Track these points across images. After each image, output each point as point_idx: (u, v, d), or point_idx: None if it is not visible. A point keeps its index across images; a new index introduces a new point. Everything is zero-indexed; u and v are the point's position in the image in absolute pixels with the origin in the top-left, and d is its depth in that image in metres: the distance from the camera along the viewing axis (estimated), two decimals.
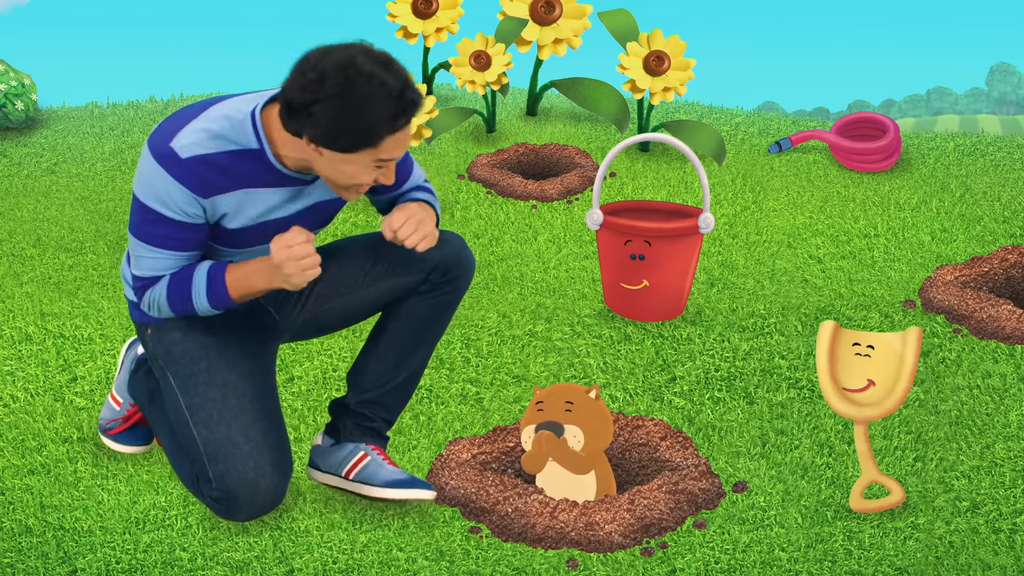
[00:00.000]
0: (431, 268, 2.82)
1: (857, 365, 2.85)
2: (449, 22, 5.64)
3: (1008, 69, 63.66)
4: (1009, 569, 2.64)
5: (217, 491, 2.72)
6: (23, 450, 3.10)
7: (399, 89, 2.43)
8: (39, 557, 2.69)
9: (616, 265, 3.76)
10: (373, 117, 2.42)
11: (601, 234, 3.78)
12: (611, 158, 3.68)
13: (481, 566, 2.68)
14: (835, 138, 5.31)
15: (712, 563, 2.69)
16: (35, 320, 3.75)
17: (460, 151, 5.40)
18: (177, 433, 2.78)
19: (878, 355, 2.84)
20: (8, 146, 5.57)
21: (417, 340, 2.87)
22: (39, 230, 4.60)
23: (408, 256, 2.82)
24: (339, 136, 2.44)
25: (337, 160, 2.50)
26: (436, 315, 2.86)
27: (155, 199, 2.56)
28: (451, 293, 2.85)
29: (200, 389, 2.73)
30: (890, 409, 2.80)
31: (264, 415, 2.75)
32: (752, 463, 3.07)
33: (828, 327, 2.86)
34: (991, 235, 4.48)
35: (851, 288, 4.07)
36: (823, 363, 2.85)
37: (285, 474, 2.74)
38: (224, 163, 2.56)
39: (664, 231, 3.68)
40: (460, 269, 2.84)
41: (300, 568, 2.67)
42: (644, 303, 3.76)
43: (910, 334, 2.81)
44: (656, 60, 5.23)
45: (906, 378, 2.79)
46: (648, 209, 3.93)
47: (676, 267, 3.74)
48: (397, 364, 2.87)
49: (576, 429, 2.88)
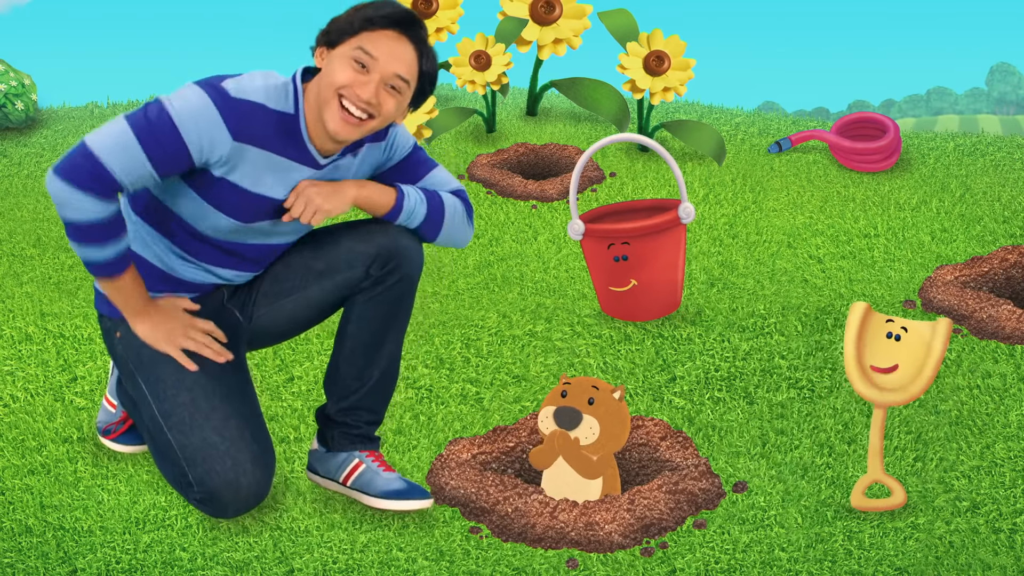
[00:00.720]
0: (370, 261, 2.78)
1: (886, 347, 2.85)
2: (449, 22, 5.64)
3: (1008, 69, 63.63)
4: (1009, 569, 2.64)
5: (200, 493, 2.71)
6: (23, 450, 3.09)
7: (401, 6, 2.60)
8: (39, 557, 2.69)
9: (603, 270, 3.76)
10: (369, 9, 2.58)
11: (585, 243, 3.77)
12: (581, 166, 3.68)
13: (481, 566, 2.68)
14: (835, 138, 5.31)
15: (712, 563, 2.69)
16: (35, 320, 3.75)
17: (460, 151, 5.40)
18: (155, 440, 2.77)
19: (908, 340, 2.83)
20: (8, 146, 5.57)
21: (379, 338, 2.83)
22: (39, 230, 4.60)
23: (346, 251, 2.79)
24: (332, 26, 2.60)
25: (328, 62, 2.59)
26: (390, 310, 2.81)
27: (181, 118, 2.53)
28: (397, 285, 2.80)
29: (170, 393, 2.72)
30: (912, 396, 2.79)
31: (237, 413, 2.73)
32: (752, 463, 3.07)
33: (859, 308, 2.86)
34: (991, 235, 4.48)
35: (851, 288, 4.07)
36: (850, 345, 2.85)
37: (266, 467, 2.73)
38: (265, 116, 2.59)
39: (645, 228, 3.67)
40: (399, 259, 2.78)
41: (300, 568, 2.67)
42: (639, 303, 3.76)
43: (940, 324, 2.81)
44: (656, 60, 5.23)
45: (931, 367, 2.79)
46: (628, 210, 3.93)
47: (663, 262, 3.72)
48: (366, 364, 2.84)
49: (593, 421, 2.88)
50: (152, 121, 2.52)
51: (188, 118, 2.53)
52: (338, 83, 2.57)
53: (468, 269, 4.28)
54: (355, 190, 2.70)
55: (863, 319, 2.86)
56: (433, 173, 2.84)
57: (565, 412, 2.89)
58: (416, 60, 2.62)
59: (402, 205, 2.75)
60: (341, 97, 2.57)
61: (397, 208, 2.75)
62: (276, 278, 2.85)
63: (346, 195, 2.69)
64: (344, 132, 2.59)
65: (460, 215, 2.83)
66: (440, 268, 4.27)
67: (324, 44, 2.62)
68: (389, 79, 2.59)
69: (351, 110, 2.58)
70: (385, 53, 2.58)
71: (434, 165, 2.85)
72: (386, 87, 2.60)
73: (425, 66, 2.64)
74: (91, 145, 2.52)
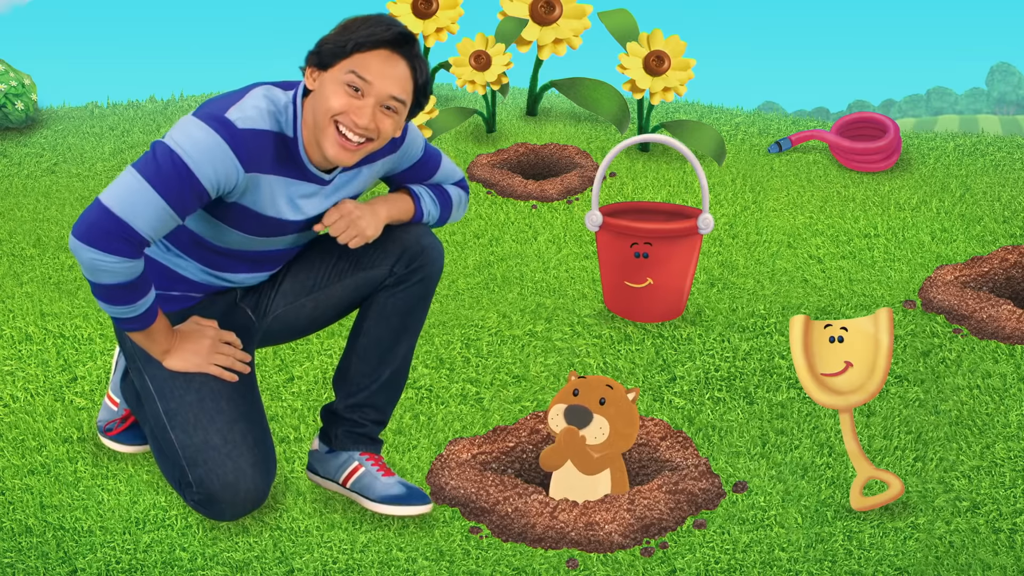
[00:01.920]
0: (394, 260, 2.79)
1: (833, 351, 2.85)
2: (449, 22, 5.64)
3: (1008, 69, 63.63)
4: (1009, 569, 2.64)
5: (198, 494, 2.71)
6: (23, 450, 3.10)
7: (391, 21, 2.56)
8: (39, 557, 2.69)
9: (618, 265, 3.76)
10: (361, 29, 2.55)
11: (601, 235, 3.77)
12: (611, 158, 3.68)
13: (481, 566, 2.68)
14: (835, 138, 5.31)
15: (712, 563, 2.69)
16: (35, 320, 3.75)
17: (460, 151, 5.40)
18: (157, 438, 2.77)
19: (852, 338, 2.84)
20: (8, 146, 5.57)
21: (395, 336, 2.84)
22: (39, 230, 4.59)
23: (370, 250, 2.81)
24: (323, 46, 2.56)
25: (321, 85, 2.56)
26: (409, 309, 2.83)
27: (193, 158, 2.49)
28: (419, 284, 2.82)
29: (177, 393, 2.73)
30: (872, 392, 2.80)
31: (243, 416, 2.74)
32: (752, 463, 3.07)
33: (798, 321, 2.86)
34: (991, 235, 4.48)
35: (851, 288, 4.07)
36: (799, 357, 2.85)
37: (266, 472, 2.73)
38: (270, 142, 2.57)
39: (664, 232, 3.68)
40: (424, 258, 2.80)
41: (300, 568, 2.67)
42: (644, 304, 3.76)
43: (881, 315, 2.82)
44: (656, 60, 5.23)
45: (884, 358, 2.80)
46: (647, 210, 3.93)
47: (676, 268, 3.74)
48: (379, 362, 2.85)
49: (603, 421, 2.88)
50: (165, 168, 2.48)
51: (201, 158, 2.49)
52: (334, 110, 2.54)
53: (468, 269, 4.28)
54: (385, 212, 2.76)
55: (804, 330, 2.86)
56: (442, 168, 2.89)
57: (576, 410, 2.89)
58: (410, 77, 2.58)
59: (420, 214, 2.83)
60: (337, 123, 2.55)
61: (416, 219, 2.84)
62: (297, 276, 2.86)
63: (380, 219, 2.74)
64: (342, 157, 2.57)
65: (462, 205, 2.94)
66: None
67: (315, 66, 2.58)
68: (384, 100, 2.56)
69: (348, 136, 2.56)
70: (378, 75, 2.54)
71: (440, 159, 2.89)
72: (382, 108, 2.57)
73: (420, 80, 2.61)
74: (110, 205, 2.48)
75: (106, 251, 2.48)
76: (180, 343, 2.74)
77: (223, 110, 2.53)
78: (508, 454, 3.08)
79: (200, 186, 2.50)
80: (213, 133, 2.49)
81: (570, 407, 2.89)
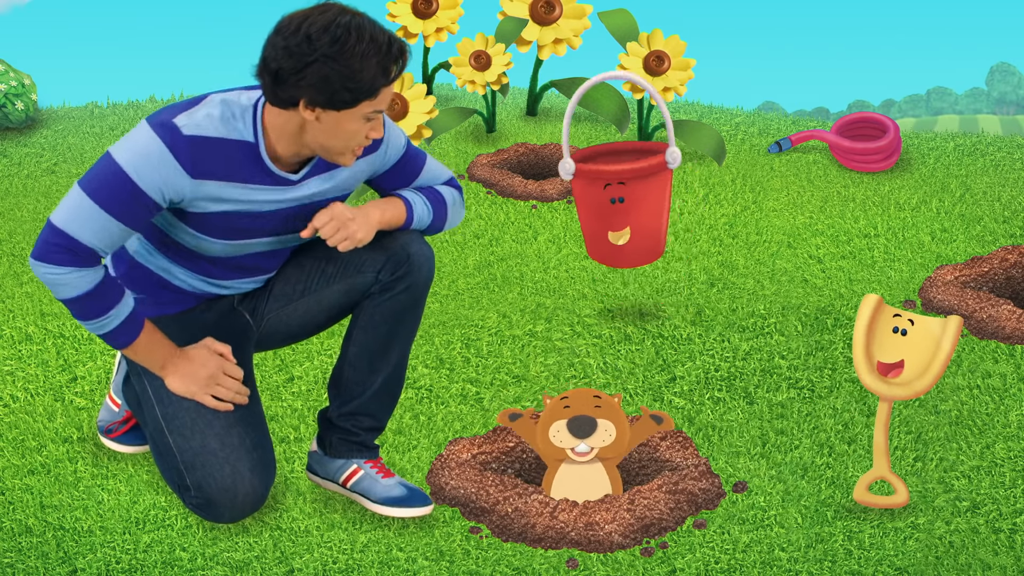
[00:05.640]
0: (379, 267, 2.78)
1: (893, 342, 2.84)
2: (449, 22, 5.64)
3: (1008, 69, 63.62)
4: (1009, 569, 2.64)
5: (197, 498, 2.72)
6: (23, 450, 3.10)
7: (386, 41, 2.50)
8: (39, 557, 2.69)
9: (595, 211, 3.71)
10: (369, 69, 2.47)
11: (575, 183, 3.73)
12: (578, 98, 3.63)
13: (481, 566, 2.68)
14: (835, 138, 5.31)
15: (712, 563, 2.69)
16: (35, 320, 3.75)
17: (460, 151, 5.40)
18: (156, 442, 2.77)
19: (915, 334, 2.82)
20: (8, 146, 5.57)
21: (384, 344, 2.82)
22: (39, 230, 4.60)
23: (359, 255, 2.79)
24: (339, 91, 2.48)
25: (334, 122, 2.52)
26: (397, 317, 2.81)
27: (134, 166, 2.51)
28: (405, 292, 2.80)
29: (175, 398, 2.73)
30: (918, 392, 2.79)
31: (241, 419, 2.74)
32: (752, 463, 3.07)
33: (871, 300, 2.85)
34: (991, 235, 4.48)
35: (851, 288, 4.07)
36: (860, 336, 2.84)
37: (264, 475, 2.73)
38: (221, 149, 2.56)
39: (635, 171, 3.63)
40: (409, 266, 2.78)
41: (300, 568, 2.67)
42: (625, 249, 3.72)
43: (951, 322, 2.80)
44: (656, 60, 5.23)
45: (939, 364, 2.78)
46: (616, 151, 3.88)
47: (651, 207, 3.68)
48: (370, 370, 2.83)
49: (608, 424, 2.88)
50: (105, 180, 2.52)
51: (141, 164, 2.51)
52: (359, 141, 2.58)
53: (468, 269, 4.28)
54: (378, 215, 2.73)
55: (874, 311, 2.85)
56: (427, 168, 2.86)
57: (579, 421, 2.88)
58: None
59: (412, 218, 2.80)
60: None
61: (408, 222, 2.81)
62: (288, 280, 2.85)
63: (372, 223, 2.72)
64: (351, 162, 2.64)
65: (458, 205, 2.90)
66: (440, 268, 4.27)
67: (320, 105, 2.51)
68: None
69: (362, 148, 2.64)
70: (386, 99, 2.58)
71: (425, 158, 2.86)
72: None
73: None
74: (56, 222, 2.55)
75: (57, 264, 2.54)
76: (183, 363, 2.74)
77: (173, 115, 2.55)
78: (508, 454, 3.08)
79: (145, 196, 2.53)
80: (157, 140, 2.52)
81: (572, 419, 2.88)
